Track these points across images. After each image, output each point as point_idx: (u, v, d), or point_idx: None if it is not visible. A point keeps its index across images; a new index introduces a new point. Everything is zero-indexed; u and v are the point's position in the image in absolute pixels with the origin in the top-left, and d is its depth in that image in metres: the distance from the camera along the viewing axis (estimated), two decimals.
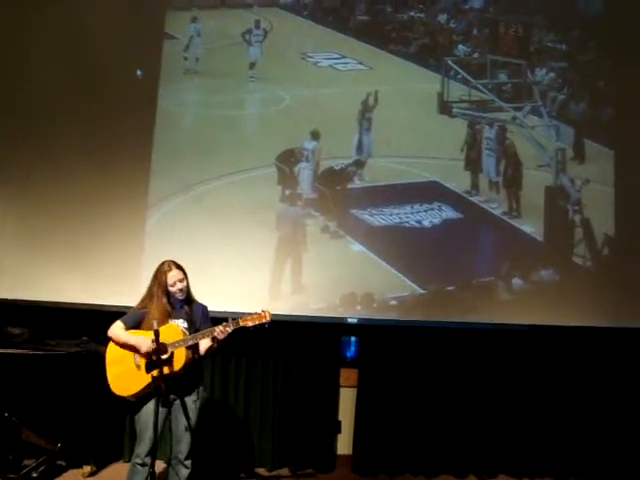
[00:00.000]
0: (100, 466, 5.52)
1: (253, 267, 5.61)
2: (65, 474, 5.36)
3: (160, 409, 4.13)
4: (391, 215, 5.76)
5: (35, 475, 5.11)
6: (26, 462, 5.16)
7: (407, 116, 5.87)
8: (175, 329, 4.26)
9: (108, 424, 5.55)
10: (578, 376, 5.66)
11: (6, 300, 5.54)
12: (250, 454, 5.69)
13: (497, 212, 5.76)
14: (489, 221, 5.77)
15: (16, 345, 5.30)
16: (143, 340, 4.21)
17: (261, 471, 5.69)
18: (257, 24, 6.00)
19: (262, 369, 5.78)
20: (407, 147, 5.83)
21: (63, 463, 5.39)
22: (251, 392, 5.77)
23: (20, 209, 5.78)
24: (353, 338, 5.89)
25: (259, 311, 4.34)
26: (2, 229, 5.78)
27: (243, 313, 4.45)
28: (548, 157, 5.79)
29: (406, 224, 5.74)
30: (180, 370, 4.20)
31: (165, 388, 4.08)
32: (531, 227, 5.72)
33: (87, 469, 5.40)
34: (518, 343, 5.65)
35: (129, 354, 4.28)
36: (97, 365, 4.96)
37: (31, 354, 5.26)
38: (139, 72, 5.95)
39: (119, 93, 5.89)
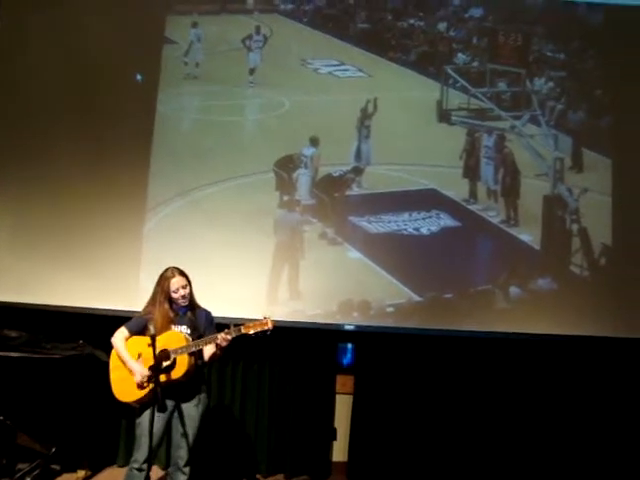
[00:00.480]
0: (95, 470, 5.51)
1: (250, 272, 5.60)
2: (59, 478, 5.34)
3: (162, 415, 4.11)
4: (389, 222, 5.76)
5: (29, 479, 5.08)
6: (20, 466, 5.13)
7: (406, 124, 5.88)
8: (178, 336, 4.25)
9: (103, 428, 5.54)
10: (575, 386, 5.66)
11: (3, 303, 5.50)
12: (251, 460, 5.67)
13: (495, 220, 5.77)
14: (487, 229, 5.78)
15: (12, 348, 5.26)
16: (139, 369, 4.20)
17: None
18: (257, 30, 6.01)
19: (258, 374, 5.76)
20: (406, 155, 5.84)
21: (57, 467, 5.36)
22: (247, 398, 5.75)
23: (17, 212, 5.75)
24: (349, 345, 5.87)
25: (261, 317, 4.30)
26: None
27: (243, 319, 4.44)
28: (546, 166, 5.81)
29: (404, 231, 5.74)
30: (182, 377, 4.19)
31: (162, 394, 4.04)
32: (529, 236, 5.73)
33: (81, 473, 5.39)
34: (515, 352, 5.64)
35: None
36: (93, 369, 4.99)
37: (27, 357, 5.22)
38: (139, 76, 5.95)
39: (118, 97, 5.88)
